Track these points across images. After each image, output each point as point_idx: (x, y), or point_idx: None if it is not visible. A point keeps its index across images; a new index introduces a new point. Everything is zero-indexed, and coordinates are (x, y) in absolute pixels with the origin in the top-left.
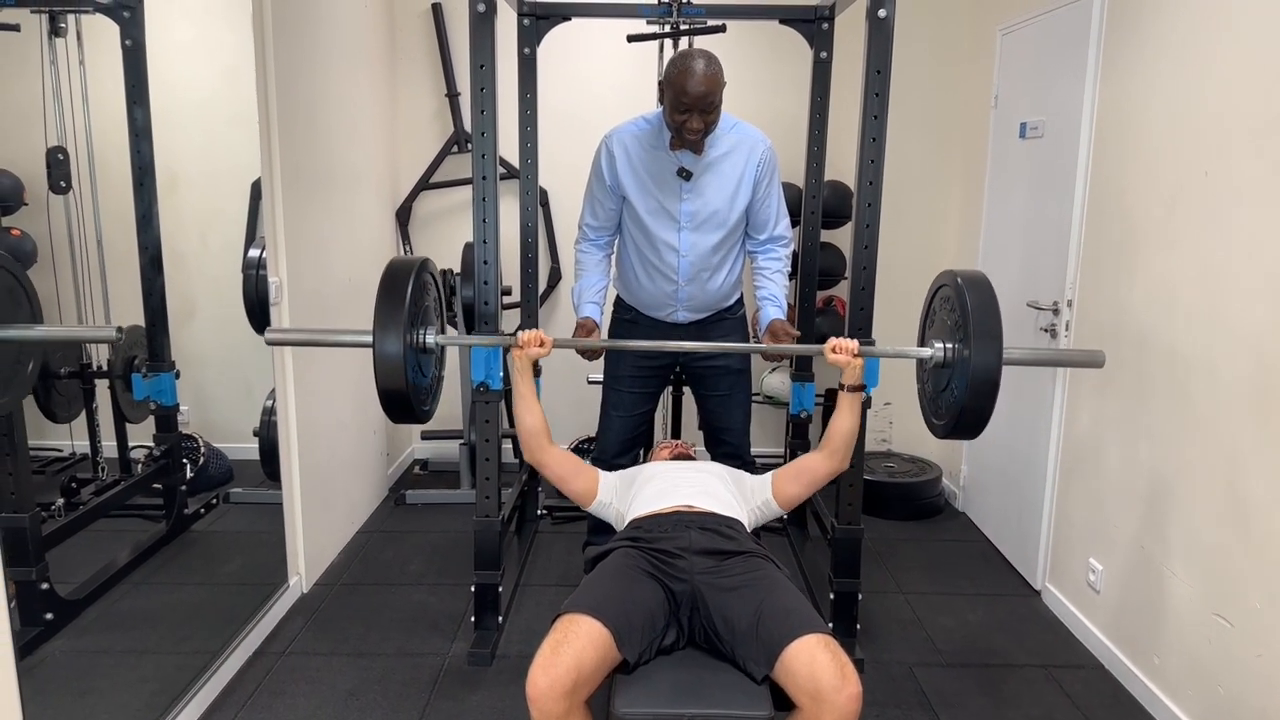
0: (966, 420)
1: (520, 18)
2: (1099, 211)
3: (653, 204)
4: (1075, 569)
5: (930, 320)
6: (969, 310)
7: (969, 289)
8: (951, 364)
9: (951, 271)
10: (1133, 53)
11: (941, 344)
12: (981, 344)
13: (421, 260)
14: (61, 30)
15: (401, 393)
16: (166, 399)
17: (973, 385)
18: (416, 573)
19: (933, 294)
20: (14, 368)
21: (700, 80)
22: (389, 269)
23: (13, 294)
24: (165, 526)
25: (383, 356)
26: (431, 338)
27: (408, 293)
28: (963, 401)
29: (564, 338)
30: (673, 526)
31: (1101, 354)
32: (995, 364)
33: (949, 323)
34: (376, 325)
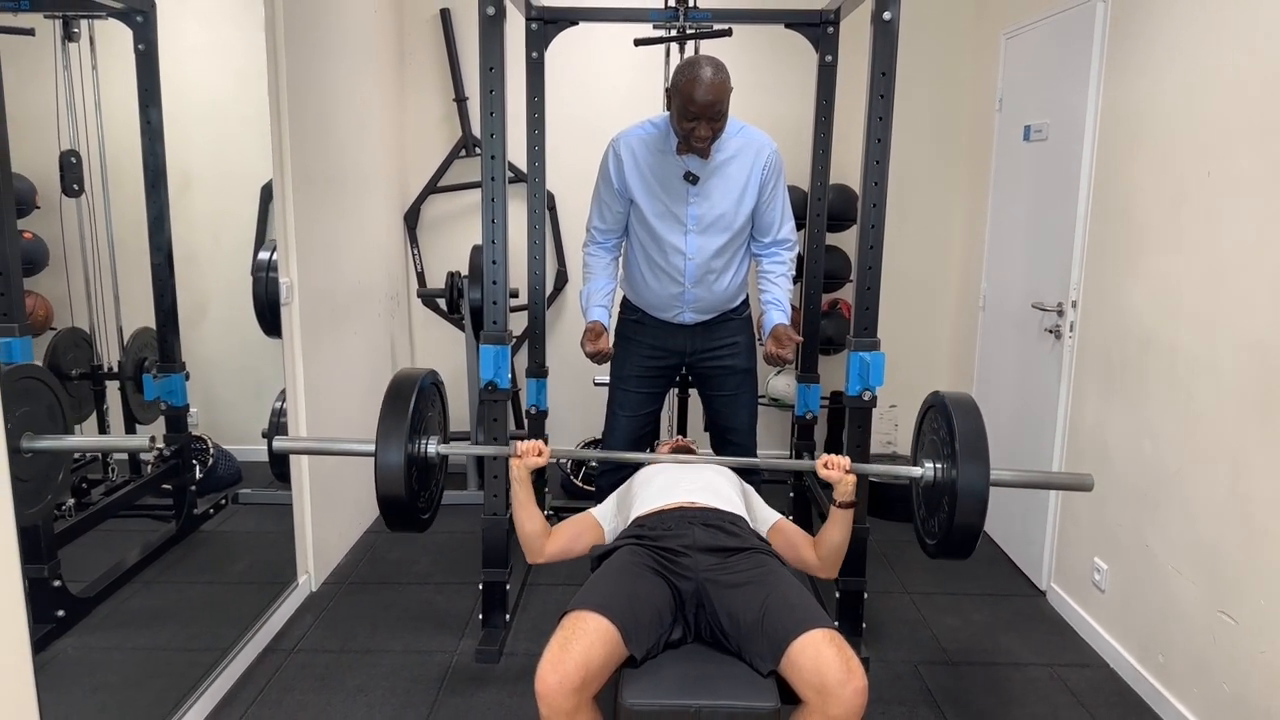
0: (956, 538)
1: (528, 22)
2: (1103, 213)
3: (659, 207)
4: (1080, 568)
5: (922, 440)
6: (956, 434)
7: (956, 412)
8: (941, 485)
9: (939, 394)
10: (1136, 55)
11: (932, 464)
12: (968, 467)
13: (426, 372)
14: (75, 35)
15: (401, 501)
16: (177, 400)
17: (960, 505)
18: (424, 572)
19: (923, 412)
20: (47, 476)
21: (708, 89)
22: (394, 381)
23: (50, 411)
24: (175, 526)
25: (384, 467)
26: (433, 448)
27: (410, 407)
28: (952, 521)
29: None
30: (676, 523)
31: (1090, 477)
32: (982, 485)
33: (938, 443)
34: (379, 436)
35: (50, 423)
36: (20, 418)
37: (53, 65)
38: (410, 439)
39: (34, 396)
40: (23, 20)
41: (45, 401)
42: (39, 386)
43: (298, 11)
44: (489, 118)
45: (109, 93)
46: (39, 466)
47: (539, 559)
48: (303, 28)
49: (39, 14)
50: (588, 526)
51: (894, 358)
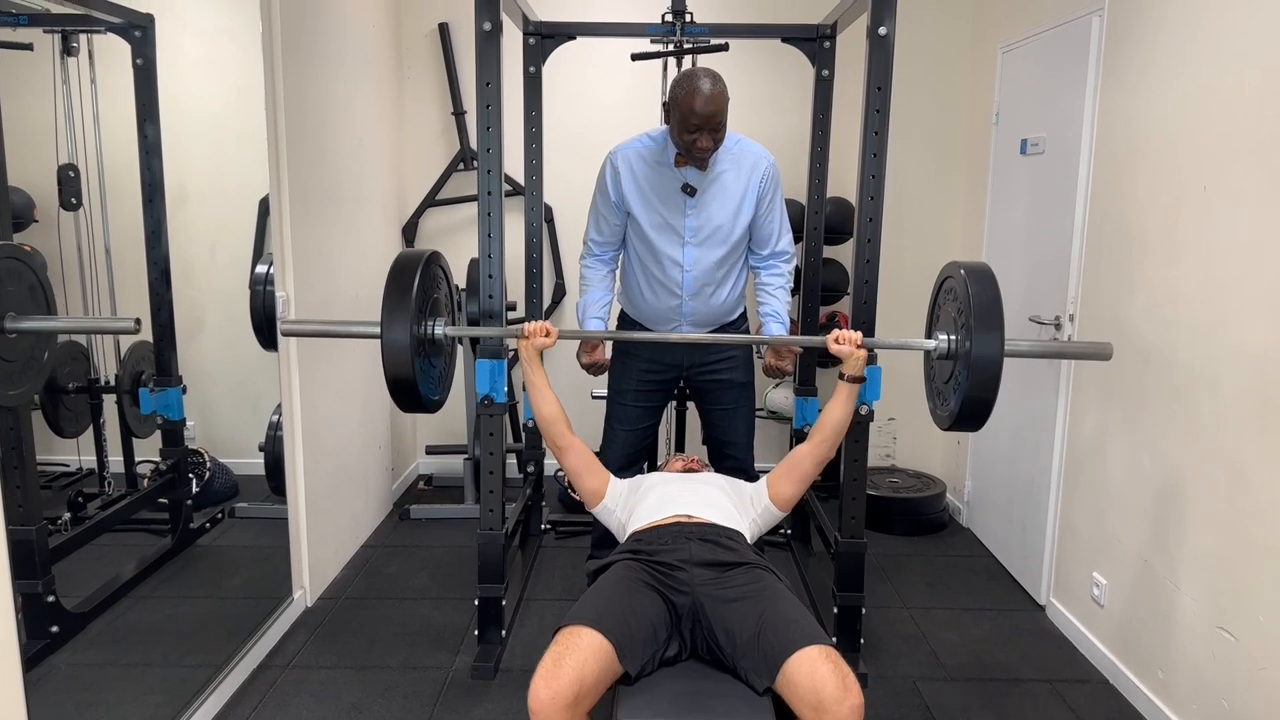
0: (969, 410)
1: (526, 37)
2: (1100, 226)
3: (657, 219)
4: (1079, 583)
5: (936, 313)
6: (971, 301)
7: (971, 280)
8: (955, 355)
9: (956, 263)
10: (1132, 69)
11: (946, 335)
12: (983, 335)
13: (431, 252)
14: (74, 50)
15: (409, 381)
16: (173, 414)
17: (974, 375)
18: (420, 587)
19: (938, 286)
20: (30, 359)
21: (708, 100)
22: (397, 260)
23: (32, 291)
24: (171, 541)
25: (390, 346)
26: (440, 329)
27: (415, 283)
28: (965, 391)
29: (570, 329)
30: (673, 538)
31: (1109, 345)
32: (997, 354)
33: (953, 314)
34: (384, 315)
35: (33, 304)
36: (2, 297)
37: (51, 80)
38: (416, 319)
39: (16, 277)
40: (21, 35)
41: (27, 281)
42: (20, 267)
43: (295, 27)
44: (486, 132)
45: (107, 107)
46: (22, 347)
47: (555, 443)
48: (300, 43)
49: (38, 29)
50: (602, 477)
51: (892, 371)
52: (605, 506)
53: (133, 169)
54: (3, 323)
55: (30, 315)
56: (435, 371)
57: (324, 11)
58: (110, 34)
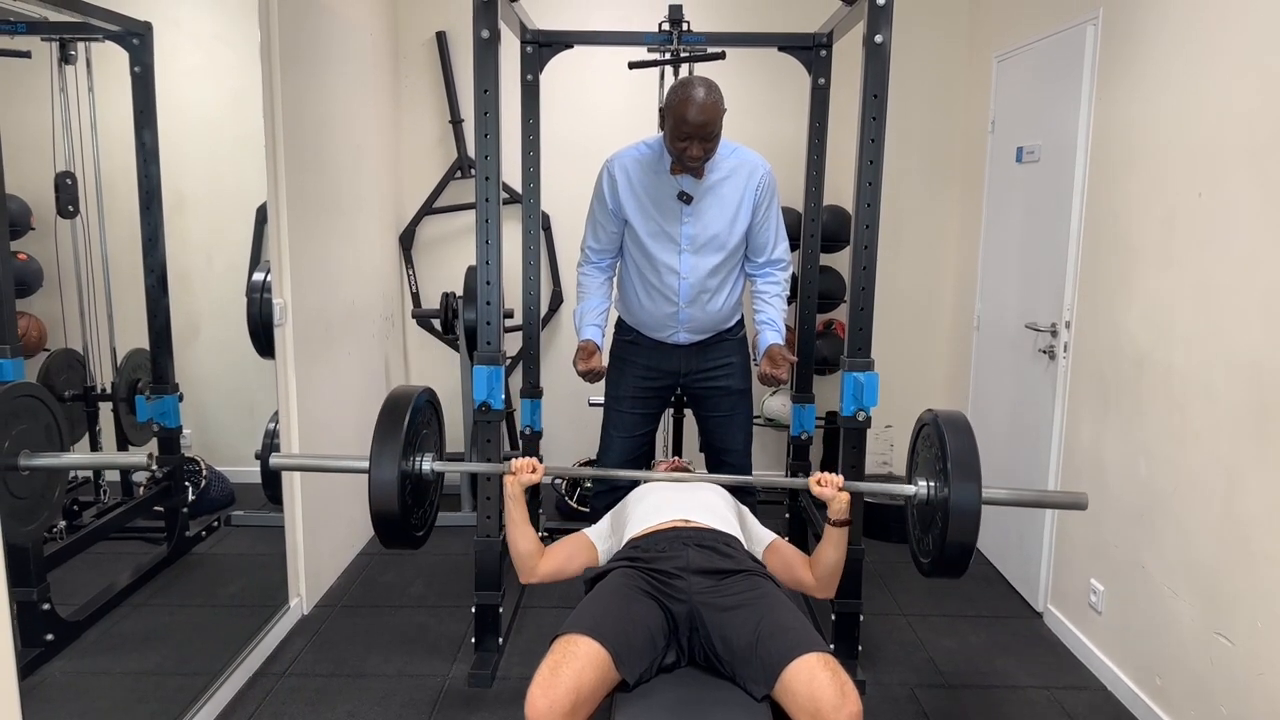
0: (949, 555)
1: (523, 45)
2: (1095, 233)
3: (654, 227)
4: (1076, 590)
5: (916, 459)
6: (948, 453)
7: (948, 431)
8: (934, 503)
9: (933, 411)
10: (1126, 77)
11: (926, 482)
12: (960, 485)
13: (421, 389)
14: (72, 58)
15: (395, 518)
16: (170, 421)
17: (953, 523)
18: (417, 595)
19: (917, 431)
20: (43, 494)
21: (701, 109)
22: (389, 398)
23: (47, 429)
24: (166, 549)
25: (378, 484)
26: (428, 464)
27: (404, 422)
28: (945, 539)
29: (556, 466)
30: (670, 544)
31: (1084, 496)
32: (974, 503)
33: (931, 461)
34: (373, 453)
35: (47, 441)
36: (17, 435)
37: (49, 88)
38: (405, 456)
39: (31, 414)
40: (19, 43)
41: (43, 420)
42: (36, 404)
43: (293, 34)
44: (483, 139)
45: (105, 115)
46: (35, 484)
47: (531, 579)
48: (298, 50)
49: (35, 37)
50: (581, 547)
51: (889, 378)
52: (603, 553)
53: (130, 176)
54: (17, 460)
55: (44, 453)
56: (420, 510)
57: (322, 19)
58: (108, 41)
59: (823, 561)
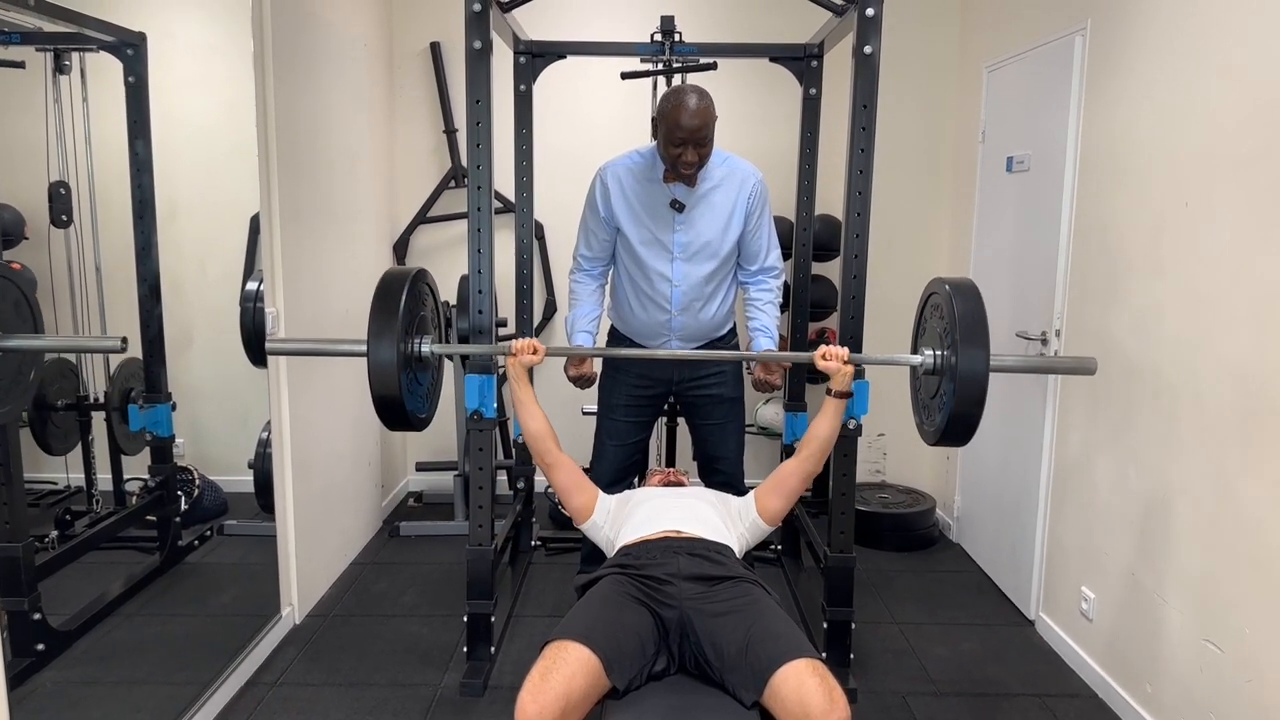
0: (955, 427)
1: (516, 55)
2: (1085, 242)
3: (646, 235)
4: (1068, 598)
5: (922, 328)
6: (957, 317)
7: (957, 296)
8: (941, 370)
9: (941, 279)
10: (1114, 87)
11: (932, 351)
12: (969, 350)
13: (417, 270)
14: (66, 68)
15: (396, 399)
16: (163, 430)
17: (961, 391)
18: (409, 604)
19: (924, 301)
20: (16, 377)
21: (693, 114)
22: (383, 279)
23: (18, 307)
24: (159, 558)
25: (376, 364)
26: (426, 347)
27: (401, 301)
28: (951, 407)
29: (558, 346)
30: (661, 553)
31: (1093, 360)
32: (983, 370)
33: (939, 330)
34: (370, 333)
35: (19, 321)
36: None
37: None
38: (403, 337)
39: (1, 295)
40: (14, 53)
41: (12, 298)
42: (6, 285)
43: (287, 44)
44: (476, 149)
45: (99, 125)
46: (8, 367)
47: (543, 460)
48: (292, 60)
49: (30, 47)
50: (590, 493)
51: (881, 387)
52: (594, 523)
53: (123, 186)
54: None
55: (16, 334)
56: (422, 389)
57: (316, 30)
58: (102, 52)
59: (817, 434)
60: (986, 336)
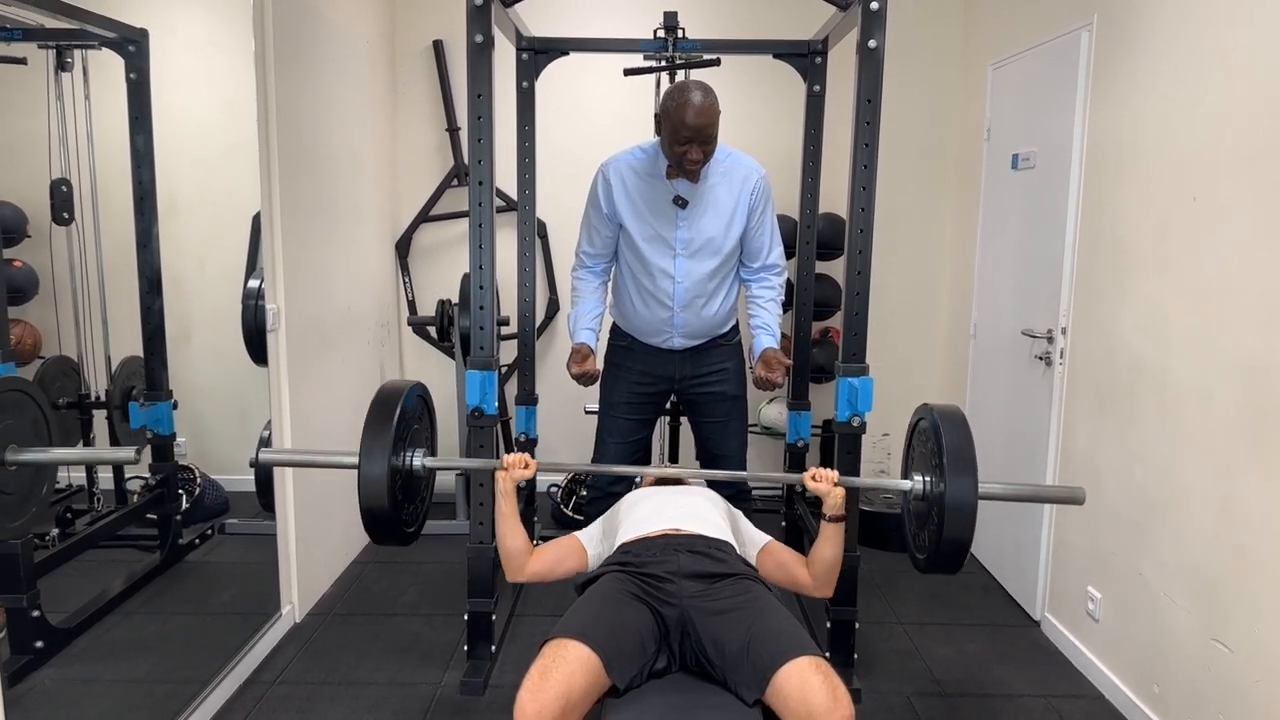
0: (945, 551)
1: (519, 52)
2: (1090, 239)
3: (649, 231)
4: (1074, 598)
5: (912, 454)
6: (944, 447)
7: (944, 425)
8: (930, 498)
9: (929, 406)
10: (1120, 83)
11: (921, 477)
12: (956, 480)
13: (413, 384)
14: (68, 65)
15: (385, 514)
16: (163, 428)
17: (949, 519)
18: (410, 603)
19: (913, 425)
20: (31, 490)
21: (699, 111)
22: (380, 393)
23: (35, 424)
24: (159, 556)
25: (368, 479)
26: (419, 460)
27: (394, 418)
28: (940, 535)
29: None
30: (661, 550)
31: (1081, 490)
32: (970, 499)
33: (927, 456)
34: (363, 448)
35: (35, 436)
36: (3, 430)
37: (45, 95)
38: (395, 451)
39: (18, 409)
40: (15, 50)
41: (30, 415)
42: (24, 399)
43: (288, 40)
44: (477, 144)
45: (101, 121)
46: (22, 480)
47: (519, 577)
48: (294, 56)
49: (32, 44)
50: (572, 550)
51: (886, 386)
52: (593, 557)
53: (125, 183)
54: (4, 455)
55: (31, 448)
56: (411, 507)
57: (318, 27)
58: (104, 49)
59: (820, 559)
60: (974, 464)
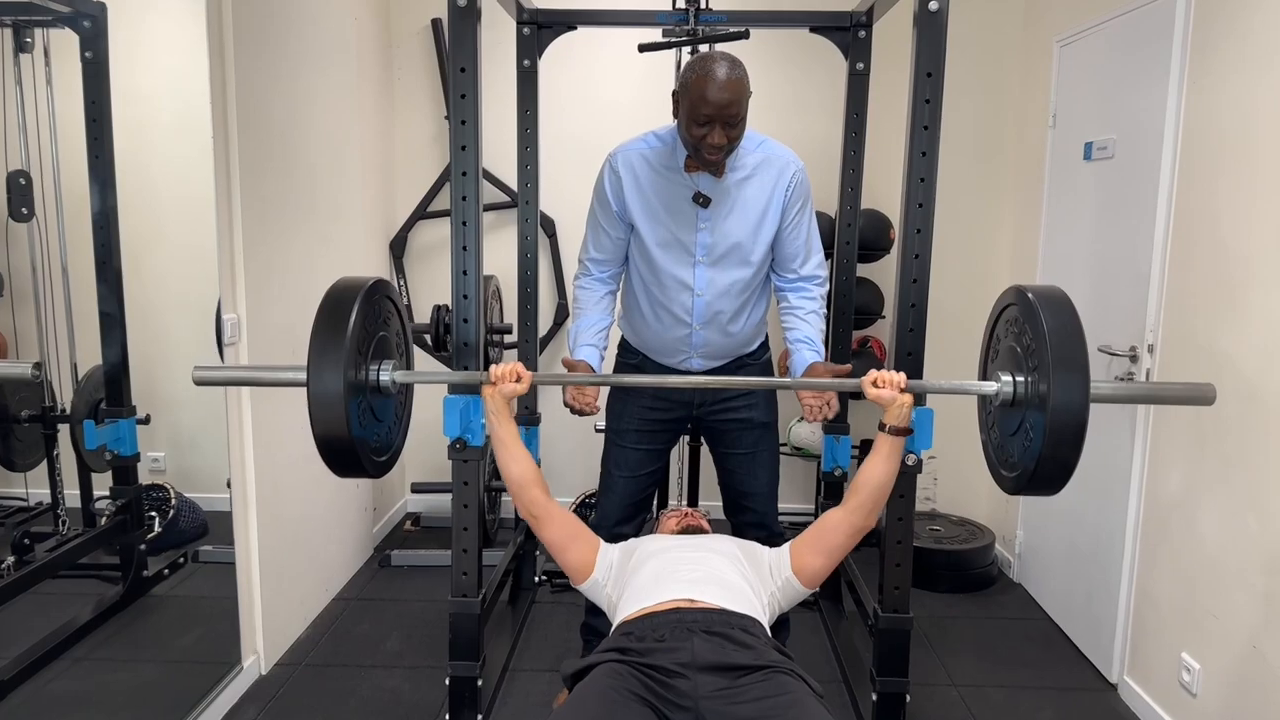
0: (1044, 471)
1: (520, 26)
2: (1187, 241)
3: (664, 234)
4: (1163, 663)
5: (994, 349)
6: (1045, 335)
7: (1044, 309)
8: (1024, 401)
9: (1020, 288)
10: (1228, 54)
11: (1010, 377)
12: (1063, 376)
13: (373, 281)
14: (27, 45)
15: (342, 440)
16: (125, 448)
17: (1052, 427)
18: (393, 652)
19: (996, 316)
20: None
21: (723, 86)
22: (330, 291)
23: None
24: (121, 589)
25: (318, 397)
26: (386, 374)
27: (351, 319)
28: (1039, 449)
29: (547, 373)
30: (671, 632)
31: (1211, 388)
32: (1080, 401)
33: (1019, 351)
34: (311, 358)
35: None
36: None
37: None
38: (353, 362)
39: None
40: None
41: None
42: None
43: (251, 18)
44: (460, 127)
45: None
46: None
47: (528, 513)
48: (262, 36)
49: None
50: (588, 546)
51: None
52: (595, 580)
53: None
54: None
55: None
56: (382, 425)
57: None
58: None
59: (870, 479)
60: (1085, 358)
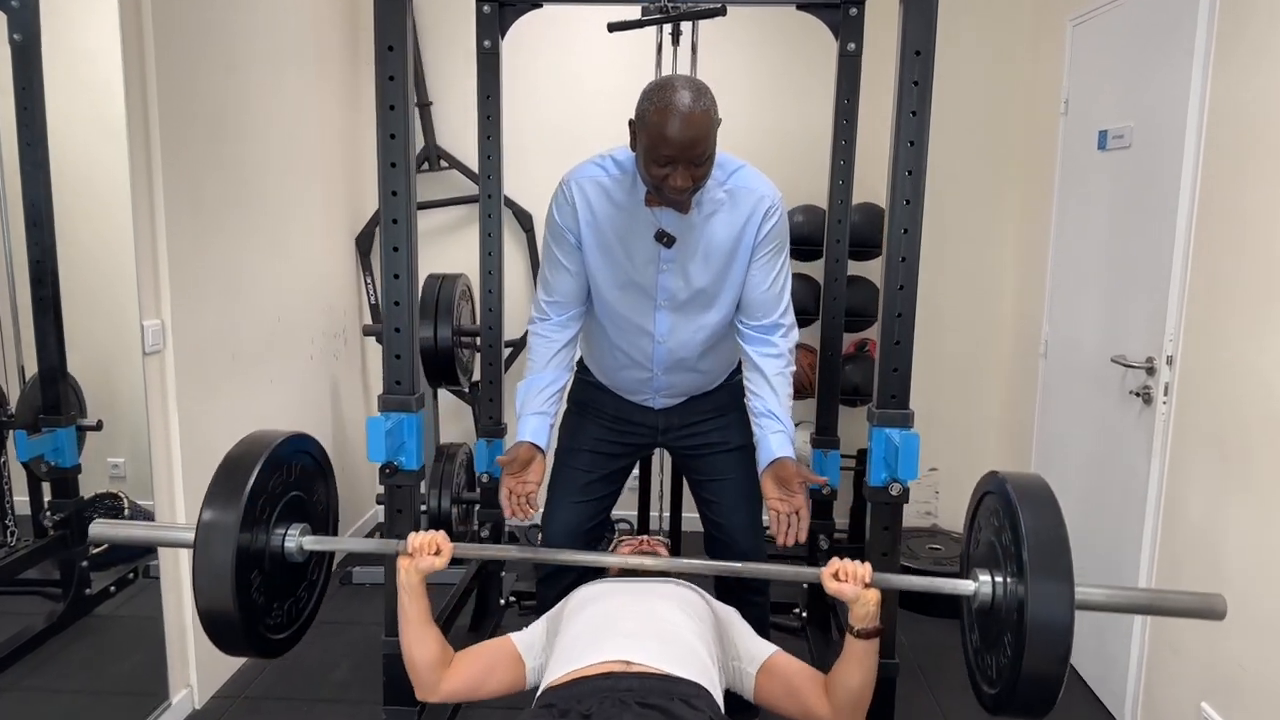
0: (1024, 693)
1: (479, 4)
2: (1212, 241)
3: (621, 276)
4: (1179, 712)
5: (975, 539)
6: (1024, 532)
7: (1023, 505)
8: (1002, 607)
9: (999, 476)
10: (1259, 34)
11: (989, 577)
12: (1044, 583)
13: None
14: None
15: (226, 617)
16: (64, 459)
17: (1034, 641)
18: (340, 683)
19: (976, 502)
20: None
21: (686, 122)
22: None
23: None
24: (61, 608)
25: (205, 566)
26: (292, 540)
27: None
28: (1020, 667)
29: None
30: (599, 703)
31: (1221, 600)
32: (1064, 616)
33: (998, 548)
34: (201, 520)
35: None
36: None
37: None
38: (249, 525)
39: None
40: None
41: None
42: None
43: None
44: (389, 113)
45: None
46: None
47: (431, 697)
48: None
49: None
50: (503, 659)
51: (933, 415)
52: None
53: None
54: None
55: None
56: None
57: None
58: None
59: (844, 685)
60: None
